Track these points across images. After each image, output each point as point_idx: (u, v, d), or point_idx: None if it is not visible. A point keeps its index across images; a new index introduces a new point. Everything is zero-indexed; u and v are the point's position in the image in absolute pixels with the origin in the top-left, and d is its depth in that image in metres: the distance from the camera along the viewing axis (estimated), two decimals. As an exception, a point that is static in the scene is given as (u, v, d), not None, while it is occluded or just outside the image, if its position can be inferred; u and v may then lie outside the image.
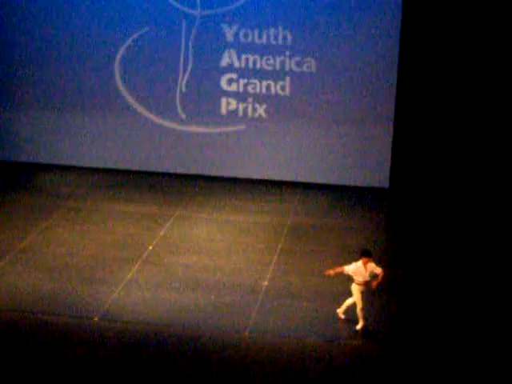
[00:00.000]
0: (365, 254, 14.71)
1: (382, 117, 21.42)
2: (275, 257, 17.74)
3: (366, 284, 14.73)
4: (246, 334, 14.70)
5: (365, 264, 14.63)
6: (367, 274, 14.64)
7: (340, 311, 15.26)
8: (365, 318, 14.87)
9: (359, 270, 14.65)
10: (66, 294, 15.98)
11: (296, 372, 13.63)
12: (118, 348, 14.22)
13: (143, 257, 17.58)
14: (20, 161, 23.37)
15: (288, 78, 21.65)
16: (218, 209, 20.48)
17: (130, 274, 16.78)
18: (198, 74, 22.00)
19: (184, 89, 22.17)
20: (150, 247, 18.02)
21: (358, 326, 14.88)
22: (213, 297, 15.91)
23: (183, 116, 22.43)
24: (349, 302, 15.09)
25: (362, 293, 14.75)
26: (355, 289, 14.77)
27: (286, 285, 16.50)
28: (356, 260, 14.84)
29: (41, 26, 22.19)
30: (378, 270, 14.62)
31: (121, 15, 21.84)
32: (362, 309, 14.80)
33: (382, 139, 21.60)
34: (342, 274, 14.90)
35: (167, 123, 22.55)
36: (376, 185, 21.90)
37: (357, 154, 21.94)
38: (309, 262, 17.52)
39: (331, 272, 14.91)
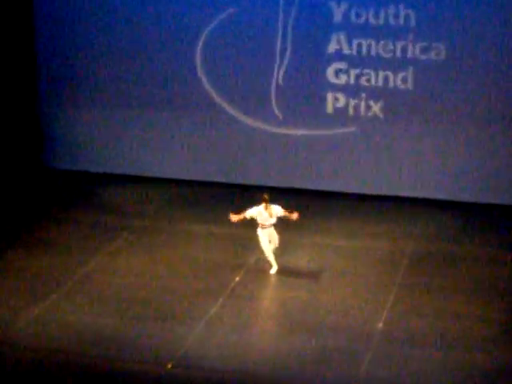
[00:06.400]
0: (263, 199, 18.02)
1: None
2: (392, 293, 17.72)
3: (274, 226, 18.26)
4: (356, 387, 14.75)
5: (266, 208, 18.07)
6: (269, 217, 18.12)
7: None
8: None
9: (261, 214, 18.08)
10: (133, 334, 16.21)
11: None
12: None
13: (228, 290, 17.73)
14: (81, 170, 23.87)
15: (411, 68, 21.62)
16: (322, 231, 20.65)
17: (212, 311, 16.95)
18: (299, 64, 22.24)
19: (281, 82, 22.33)
20: (237, 278, 18.13)
21: (272, 271, 18.37)
22: (314, 341, 15.90)
23: (279, 116, 22.57)
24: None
25: (267, 237, 18.20)
26: (259, 232, 18.21)
27: (406, 328, 16.47)
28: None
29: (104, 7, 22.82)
30: (280, 211, 18.21)
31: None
32: (268, 252, 18.36)
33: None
34: (245, 219, 18.12)
35: (260, 124, 22.77)
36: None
37: (491, 164, 21.68)
38: (433, 301, 17.47)
39: (235, 218, 18.16)
